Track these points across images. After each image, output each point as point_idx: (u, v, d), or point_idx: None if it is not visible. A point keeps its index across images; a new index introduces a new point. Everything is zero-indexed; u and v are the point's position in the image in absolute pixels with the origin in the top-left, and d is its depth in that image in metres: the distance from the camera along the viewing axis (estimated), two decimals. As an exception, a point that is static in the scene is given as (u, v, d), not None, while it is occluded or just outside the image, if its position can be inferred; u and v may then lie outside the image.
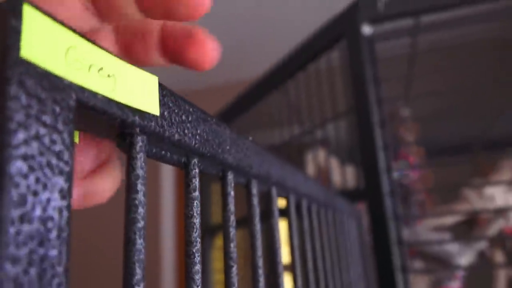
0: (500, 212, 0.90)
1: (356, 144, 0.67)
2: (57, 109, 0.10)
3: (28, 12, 0.10)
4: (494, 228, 0.94)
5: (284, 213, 0.36)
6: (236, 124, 0.99)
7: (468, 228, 1.05)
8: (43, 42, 0.10)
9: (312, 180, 0.37)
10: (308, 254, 0.33)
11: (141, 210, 0.12)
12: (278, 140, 1.00)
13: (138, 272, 0.12)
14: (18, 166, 0.09)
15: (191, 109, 0.17)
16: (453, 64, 0.88)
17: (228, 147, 0.20)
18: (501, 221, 0.95)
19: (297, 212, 0.36)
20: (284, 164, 0.29)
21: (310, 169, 1.22)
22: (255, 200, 0.23)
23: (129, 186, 0.12)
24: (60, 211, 0.10)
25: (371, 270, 0.64)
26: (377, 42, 0.70)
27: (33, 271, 0.09)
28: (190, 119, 0.16)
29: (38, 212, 0.09)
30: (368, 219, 0.64)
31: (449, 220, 0.98)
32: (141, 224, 0.12)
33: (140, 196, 0.12)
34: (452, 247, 0.95)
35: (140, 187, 0.12)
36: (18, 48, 0.10)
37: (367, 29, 0.68)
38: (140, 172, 0.13)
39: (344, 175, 0.99)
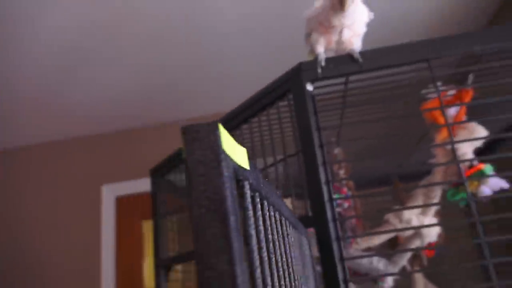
0: (417, 232, 1.09)
1: (304, 179, 0.82)
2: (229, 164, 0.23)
3: (220, 127, 0.23)
4: (412, 246, 1.13)
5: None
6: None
7: (391, 249, 1.24)
8: (226, 142, 0.23)
9: (286, 206, 0.50)
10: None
11: (251, 222, 0.25)
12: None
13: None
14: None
15: (254, 166, 0.29)
16: (378, 109, 1.08)
17: (261, 185, 0.33)
18: (417, 241, 1.14)
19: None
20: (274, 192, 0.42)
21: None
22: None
23: (243, 209, 0.25)
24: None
25: (319, 283, 0.77)
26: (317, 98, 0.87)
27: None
28: (254, 170, 0.29)
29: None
30: (316, 241, 0.78)
31: (376, 241, 1.16)
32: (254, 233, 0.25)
33: (250, 213, 0.25)
34: (380, 265, 1.13)
35: (249, 212, 0.25)
36: (221, 144, 0.22)
37: (309, 87, 0.85)
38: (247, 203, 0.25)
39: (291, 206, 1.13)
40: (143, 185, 2.51)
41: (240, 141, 1.03)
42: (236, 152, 0.25)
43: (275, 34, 2.01)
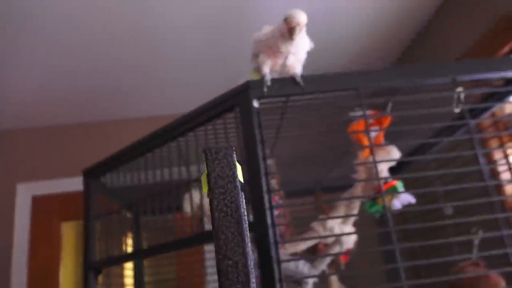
0: (338, 239, 1.22)
1: (247, 188, 0.89)
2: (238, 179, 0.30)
3: (233, 150, 0.29)
4: (332, 251, 1.25)
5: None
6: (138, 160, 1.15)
7: (311, 254, 1.36)
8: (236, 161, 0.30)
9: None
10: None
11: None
12: (168, 178, 1.17)
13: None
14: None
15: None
16: (308, 127, 1.19)
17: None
18: (337, 247, 1.27)
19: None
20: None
21: (186, 205, 1.41)
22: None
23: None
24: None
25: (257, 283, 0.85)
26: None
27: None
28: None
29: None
30: (255, 244, 0.86)
31: (302, 247, 1.27)
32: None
33: (246, 218, 0.31)
34: (305, 269, 1.24)
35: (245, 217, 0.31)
36: (236, 163, 0.29)
37: (255, 103, 0.93)
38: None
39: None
40: (64, 185, 2.42)
41: (186, 149, 1.08)
42: (239, 169, 0.32)
43: (221, 46, 2.08)
